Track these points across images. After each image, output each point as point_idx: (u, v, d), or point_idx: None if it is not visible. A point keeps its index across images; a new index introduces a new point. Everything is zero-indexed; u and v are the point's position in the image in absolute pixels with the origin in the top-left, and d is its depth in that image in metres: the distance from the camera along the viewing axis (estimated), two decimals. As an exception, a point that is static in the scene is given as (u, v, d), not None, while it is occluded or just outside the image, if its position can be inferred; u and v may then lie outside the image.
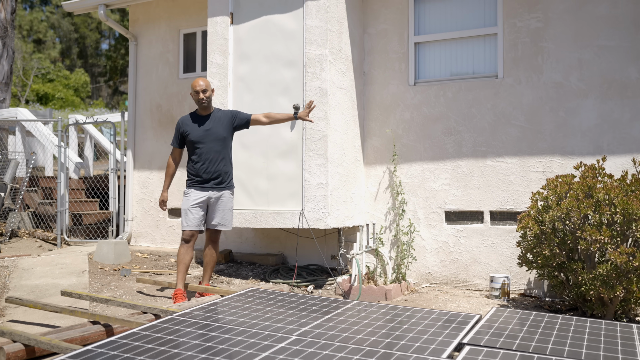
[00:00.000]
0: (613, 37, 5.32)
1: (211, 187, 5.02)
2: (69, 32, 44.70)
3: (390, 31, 6.22)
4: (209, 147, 5.02)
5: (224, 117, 5.14)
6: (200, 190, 5.00)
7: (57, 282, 5.40)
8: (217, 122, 5.09)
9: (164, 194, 5.16)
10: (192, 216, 4.97)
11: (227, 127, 5.12)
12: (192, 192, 5.01)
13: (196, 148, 5.03)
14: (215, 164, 5.03)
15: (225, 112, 5.21)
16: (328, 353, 3.09)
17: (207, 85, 5.06)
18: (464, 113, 5.87)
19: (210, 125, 5.07)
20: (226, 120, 5.13)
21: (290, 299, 4.45)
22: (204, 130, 5.04)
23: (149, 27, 7.73)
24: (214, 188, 5.03)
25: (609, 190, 4.42)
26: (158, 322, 3.65)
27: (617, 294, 4.36)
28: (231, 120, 5.15)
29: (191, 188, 5.03)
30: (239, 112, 5.23)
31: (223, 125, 5.10)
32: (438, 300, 5.34)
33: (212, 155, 5.03)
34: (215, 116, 5.13)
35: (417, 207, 6.05)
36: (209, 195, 5.02)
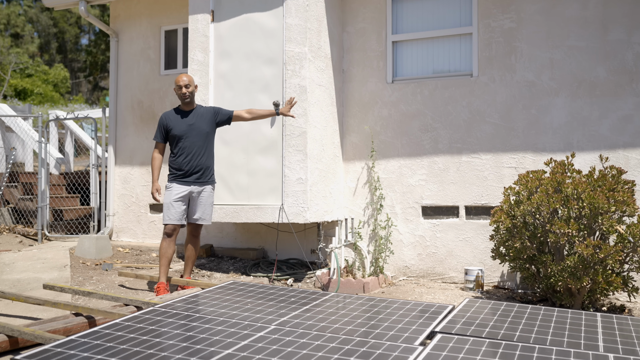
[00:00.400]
0: (583, 38, 5.50)
1: (193, 181, 5.10)
2: (47, 26, 44.20)
3: (368, 30, 6.35)
4: (191, 141, 5.09)
5: (206, 113, 5.23)
6: (182, 184, 5.08)
7: (39, 277, 5.45)
8: (200, 118, 5.17)
9: (156, 184, 5.19)
10: (175, 210, 5.04)
11: (210, 123, 5.21)
12: (174, 186, 5.08)
13: (179, 142, 5.10)
14: (198, 158, 5.11)
15: (208, 108, 5.30)
16: (305, 341, 3.21)
17: (190, 81, 5.15)
18: (440, 110, 6.02)
19: (194, 120, 5.14)
20: (209, 116, 5.21)
21: (270, 292, 4.56)
22: (187, 125, 5.11)
23: (130, 23, 7.77)
24: (196, 182, 5.11)
25: (577, 185, 4.60)
26: (140, 313, 3.74)
27: (584, 285, 4.54)
28: (214, 116, 5.24)
29: (173, 182, 5.09)
30: (221, 109, 5.32)
31: (206, 121, 5.18)
32: (414, 292, 5.49)
33: (195, 149, 5.10)
34: (198, 112, 5.21)
35: (395, 202, 6.20)
36: (191, 190, 5.10)
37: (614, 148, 5.37)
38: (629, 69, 5.34)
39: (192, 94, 5.17)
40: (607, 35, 5.42)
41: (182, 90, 5.11)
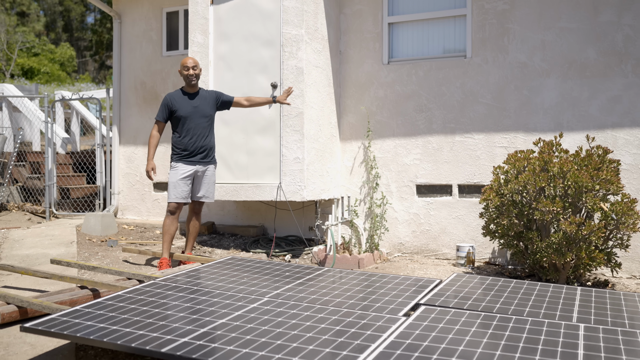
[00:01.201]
0: (574, 20, 5.60)
1: (198, 161, 5.33)
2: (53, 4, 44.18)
3: (365, 12, 6.46)
4: (196, 122, 5.31)
5: (209, 96, 5.46)
6: (188, 164, 5.29)
7: (47, 252, 5.69)
8: (203, 100, 5.40)
9: (152, 163, 5.37)
10: (181, 189, 5.26)
11: (212, 106, 5.45)
12: (180, 165, 5.29)
13: (185, 124, 5.31)
14: (203, 139, 5.34)
15: (211, 92, 5.52)
16: (295, 312, 3.42)
17: (197, 64, 5.38)
18: (435, 91, 6.16)
19: (198, 102, 5.37)
20: (211, 99, 5.44)
21: (266, 267, 4.77)
22: (193, 107, 5.33)
23: (132, 5, 7.89)
24: (200, 162, 5.34)
25: (563, 164, 4.75)
26: (141, 285, 3.96)
27: (568, 261, 4.73)
28: (215, 100, 5.47)
29: (179, 162, 5.30)
30: (223, 94, 5.53)
31: (209, 104, 5.42)
32: (407, 268, 5.69)
33: (200, 130, 5.33)
34: (202, 95, 5.44)
35: (390, 181, 6.37)
36: (196, 169, 5.33)
37: (602, 128, 5.50)
38: (618, 51, 5.45)
39: (198, 76, 5.39)
40: (597, 17, 5.51)
41: (190, 72, 5.32)
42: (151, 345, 2.83)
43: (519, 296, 3.98)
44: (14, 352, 3.29)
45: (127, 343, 2.87)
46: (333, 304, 3.69)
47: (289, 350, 2.78)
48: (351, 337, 2.98)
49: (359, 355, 2.73)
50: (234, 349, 2.79)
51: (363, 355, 2.72)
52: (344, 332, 3.05)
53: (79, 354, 3.34)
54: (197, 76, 5.38)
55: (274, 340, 2.92)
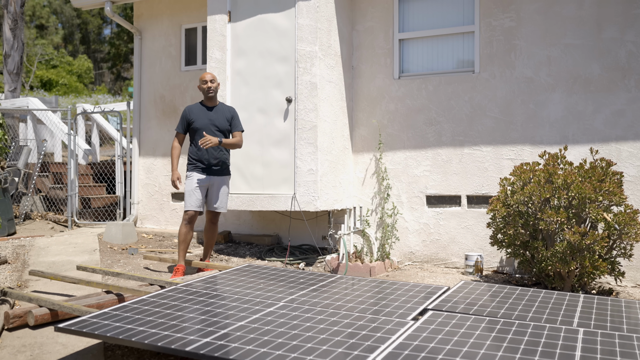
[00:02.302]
0: (578, 36, 5.80)
1: (213, 172, 5.55)
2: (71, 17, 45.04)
3: (376, 28, 6.70)
4: (212, 135, 5.51)
5: (226, 111, 5.70)
6: (203, 174, 5.52)
7: (72, 259, 5.95)
8: (220, 114, 5.64)
9: (176, 172, 5.62)
10: (196, 197, 5.48)
11: (228, 119, 5.69)
12: (195, 174, 5.51)
13: (200, 135, 5.52)
14: (217, 151, 5.56)
15: (230, 108, 5.77)
16: (309, 315, 3.63)
17: (214, 78, 5.65)
18: (444, 105, 6.37)
19: (215, 116, 5.60)
20: (228, 114, 5.69)
21: (282, 274, 4.99)
22: (209, 120, 5.56)
23: (152, 22, 8.21)
24: (215, 173, 5.57)
25: (567, 176, 4.93)
26: (164, 290, 4.19)
27: (572, 269, 4.90)
28: (231, 115, 5.71)
29: (194, 171, 5.53)
30: (237, 118, 5.78)
31: (225, 118, 5.65)
32: (417, 276, 5.88)
33: None
34: (220, 109, 5.68)
35: (401, 192, 6.57)
36: (211, 180, 5.56)
37: (607, 141, 5.67)
38: (621, 66, 5.63)
39: (216, 90, 5.64)
40: (601, 33, 5.70)
41: (208, 85, 5.58)
42: (176, 345, 3.06)
43: (523, 302, 4.16)
44: (48, 351, 3.53)
45: (154, 342, 3.09)
46: (345, 308, 3.89)
47: (304, 350, 2.99)
48: (362, 338, 3.19)
49: (369, 355, 2.93)
50: (252, 349, 3.00)
51: (373, 355, 2.92)
52: (355, 334, 3.26)
53: (107, 354, 3.57)
54: (215, 89, 5.62)
55: (290, 341, 3.13)
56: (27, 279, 5.17)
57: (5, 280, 5.13)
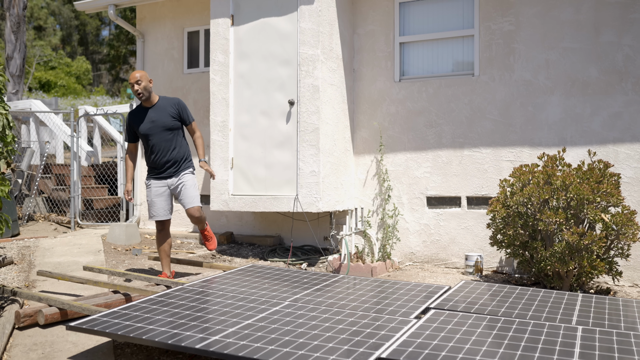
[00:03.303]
0: (576, 40, 5.89)
1: (168, 175, 5.14)
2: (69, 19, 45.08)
3: (377, 32, 6.79)
4: (158, 138, 5.04)
5: (168, 105, 5.11)
6: (159, 179, 5.15)
7: (77, 260, 6.02)
8: (161, 112, 5.07)
9: (128, 185, 5.24)
10: (158, 206, 5.15)
11: (172, 116, 5.09)
12: (152, 182, 5.16)
13: (147, 140, 5.08)
14: (168, 153, 5.09)
15: (172, 100, 5.17)
16: (314, 314, 3.72)
17: (143, 76, 4.99)
18: (444, 107, 6.46)
19: (155, 115, 5.06)
20: (170, 108, 5.10)
21: (285, 274, 5.07)
22: (150, 122, 5.05)
23: (155, 25, 8.29)
24: (172, 175, 5.14)
25: (566, 177, 5.02)
26: (171, 290, 4.27)
27: (571, 269, 4.99)
28: (176, 109, 5.12)
29: (150, 179, 5.18)
30: (185, 110, 5.20)
31: (168, 114, 5.08)
32: (418, 276, 5.96)
33: (163, 145, 5.08)
34: (160, 105, 5.10)
35: (402, 193, 6.66)
36: (168, 184, 5.16)
37: (604, 143, 5.77)
38: (618, 69, 5.72)
39: (146, 89, 5.01)
40: (599, 37, 5.80)
41: (135, 88, 4.99)
42: (186, 343, 3.14)
43: (523, 301, 4.25)
44: (59, 350, 3.60)
45: (164, 340, 3.18)
46: (349, 307, 3.98)
47: (311, 347, 3.08)
48: (367, 336, 3.27)
49: (374, 352, 3.02)
50: (260, 346, 3.08)
51: (378, 352, 3.01)
52: (360, 332, 3.34)
53: (117, 352, 3.65)
54: (145, 89, 5.01)
55: (297, 338, 3.21)
56: (34, 279, 5.25)
57: (13, 280, 5.21)
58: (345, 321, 3.57)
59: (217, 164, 6.68)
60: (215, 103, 6.73)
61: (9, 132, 4.34)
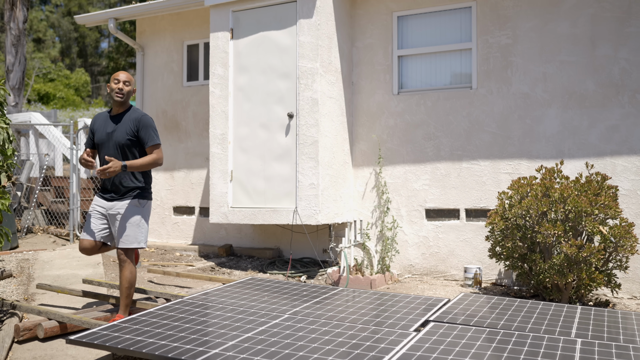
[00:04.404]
0: (573, 54, 5.95)
1: (110, 198, 4.36)
2: (68, 31, 45.29)
3: (376, 45, 6.85)
4: (107, 152, 4.32)
5: (131, 121, 4.32)
6: (103, 199, 4.39)
7: (76, 273, 6.02)
8: (124, 125, 4.31)
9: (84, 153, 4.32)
10: (92, 224, 4.36)
11: (129, 132, 4.31)
12: (96, 199, 4.45)
13: (99, 152, 4.41)
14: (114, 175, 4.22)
15: (136, 115, 4.36)
16: (314, 327, 3.72)
17: (132, 82, 4.40)
18: (442, 120, 6.50)
19: (114, 127, 4.32)
20: (132, 125, 4.31)
21: (285, 287, 5.08)
22: (107, 134, 4.33)
23: (155, 38, 8.34)
24: (117, 198, 4.33)
25: (564, 190, 5.05)
26: (170, 303, 4.27)
27: (569, 281, 5.00)
28: (135, 125, 4.31)
29: (96, 195, 4.48)
30: (147, 129, 4.32)
31: (125, 130, 4.31)
32: (417, 288, 5.97)
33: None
34: (127, 118, 4.34)
35: (400, 205, 6.68)
36: (108, 206, 4.34)
37: (602, 155, 5.80)
38: (615, 82, 5.77)
39: (128, 95, 4.35)
40: (595, 51, 5.86)
41: (119, 85, 4.30)
42: (186, 356, 3.14)
43: (522, 314, 4.25)
44: (59, 363, 3.60)
45: (165, 354, 3.18)
46: (349, 320, 3.98)
47: (311, 360, 3.08)
48: (367, 349, 3.28)
49: (374, 365, 3.02)
50: (261, 359, 3.09)
51: (378, 365, 3.01)
52: (359, 345, 3.35)
53: (117, 366, 3.65)
54: (127, 94, 4.32)
55: (297, 352, 3.22)
56: (34, 292, 5.25)
57: (12, 293, 5.20)
58: (344, 334, 3.58)
59: (216, 176, 6.71)
60: (215, 116, 6.77)
61: (9, 145, 4.36)
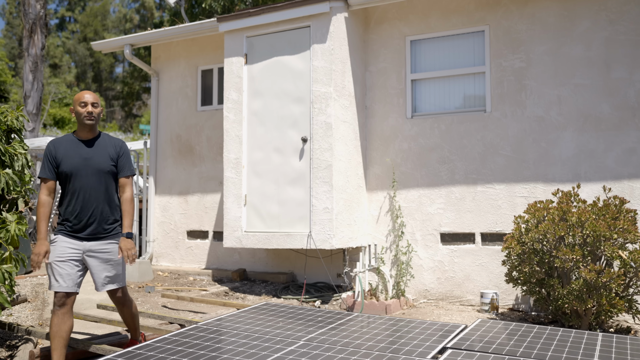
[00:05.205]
0: (587, 77, 5.93)
1: (87, 236, 3.87)
2: (84, 56, 46.07)
3: (389, 69, 6.87)
4: (85, 181, 3.86)
5: (110, 145, 4.00)
6: (72, 237, 3.87)
7: (90, 297, 6.01)
8: (100, 150, 3.94)
9: (44, 243, 3.77)
10: (65, 272, 3.79)
11: (112, 158, 3.98)
12: (60, 239, 3.86)
13: (70, 181, 3.87)
14: (94, 206, 3.87)
15: (115, 141, 4.05)
16: (330, 354, 3.67)
17: (98, 102, 3.97)
18: (457, 144, 6.48)
19: (92, 153, 3.91)
20: (113, 150, 3.99)
21: (299, 312, 5.03)
22: (82, 158, 3.88)
23: (169, 64, 8.44)
24: (91, 238, 3.88)
25: (581, 214, 4.99)
26: (185, 329, 4.24)
27: (589, 307, 4.91)
28: (117, 152, 4.01)
29: (59, 234, 3.89)
30: (128, 157, 4.04)
31: (108, 154, 3.96)
32: (433, 314, 5.89)
33: (91, 193, 3.87)
34: (102, 143, 3.97)
35: (415, 229, 6.64)
36: (84, 248, 3.87)
37: (619, 179, 5.74)
38: (631, 105, 5.74)
39: (98, 117, 3.93)
40: (610, 73, 5.83)
41: (88, 109, 3.86)
42: (201, 384, 3.10)
43: (541, 341, 4.17)
44: (73, 391, 3.57)
45: (180, 382, 3.14)
46: (365, 347, 3.93)
47: (328, 389, 3.03)
48: (384, 377, 3.22)
49: (392, 394, 2.96)
50: (277, 388, 3.04)
51: (396, 395, 2.95)
52: (377, 373, 3.29)
53: (131, 393, 3.61)
54: (98, 116, 3.92)
55: (313, 380, 3.17)
56: (48, 317, 5.24)
57: (27, 318, 5.20)
58: (361, 362, 3.52)
59: (230, 201, 6.71)
60: (229, 140, 6.80)
61: (27, 171, 4.40)
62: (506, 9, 6.32)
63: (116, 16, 48.09)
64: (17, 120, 4.84)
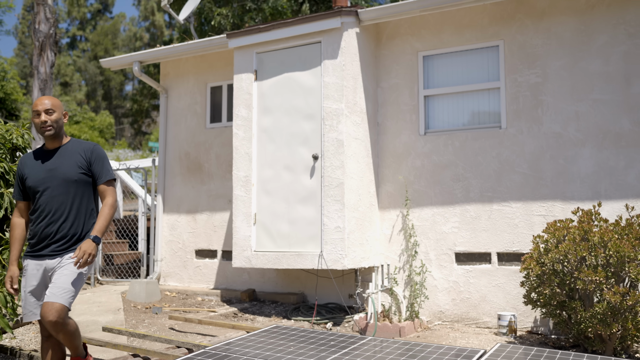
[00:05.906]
0: (606, 91, 5.77)
1: (49, 253, 3.53)
2: (94, 75, 46.42)
3: (401, 85, 6.75)
4: (50, 194, 3.54)
5: (79, 151, 3.65)
6: (36, 258, 3.56)
7: (96, 319, 5.86)
8: (66, 158, 3.61)
9: (13, 269, 3.55)
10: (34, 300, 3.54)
11: (80, 165, 3.62)
12: (29, 265, 3.58)
13: (35, 197, 3.58)
14: (58, 220, 3.52)
15: (85, 145, 3.69)
16: (345, 383, 3.49)
17: (56, 106, 3.59)
18: (471, 161, 6.32)
19: (57, 162, 3.59)
20: (79, 155, 3.63)
21: (311, 335, 4.85)
22: (46, 171, 3.56)
23: (178, 80, 8.36)
24: (54, 255, 3.53)
25: (603, 234, 4.80)
26: (192, 355, 4.07)
27: (614, 331, 4.70)
28: (87, 157, 3.64)
29: (27, 259, 3.60)
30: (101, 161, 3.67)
31: (75, 162, 3.60)
32: (449, 337, 5.69)
33: (54, 206, 3.54)
34: (67, 150, 3.64)
35: (429, 249, 6.46)
36: (47, 266, 3.54)
37: (641, 197, 5.55)
38: (652, 121, 5.57)
39: (59, 124, 3.59)
40: (629, 88, 5.67)
41: (42, 118, 3.53)
42: (209, 416, 2.93)
43: (566, 368, 3.97)
44: (75, 421, 3.41)
45: (187, 413, 2.97)
46: (380, 374, 3.74)
47: (343, 422, 2.85)
48: (402, 409, 3.04)
49: None
50: (289, 421, 2.87)
51: None
52: (395, 405, 3.11)
53: (136, 423, 3.45)
54: (55, 124, 3.57)
55: (327, 412, 2.99)
56: (52, 340, 5.09)
57: (31, 341, 5.05)
58: (378, 391, 3.34)
59: (239, 219, 6.57)
60: (238, 158, 6.68)
61: (31, 190, 4.28)
62: (521, 23, 6.19)
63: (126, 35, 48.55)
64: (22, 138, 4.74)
